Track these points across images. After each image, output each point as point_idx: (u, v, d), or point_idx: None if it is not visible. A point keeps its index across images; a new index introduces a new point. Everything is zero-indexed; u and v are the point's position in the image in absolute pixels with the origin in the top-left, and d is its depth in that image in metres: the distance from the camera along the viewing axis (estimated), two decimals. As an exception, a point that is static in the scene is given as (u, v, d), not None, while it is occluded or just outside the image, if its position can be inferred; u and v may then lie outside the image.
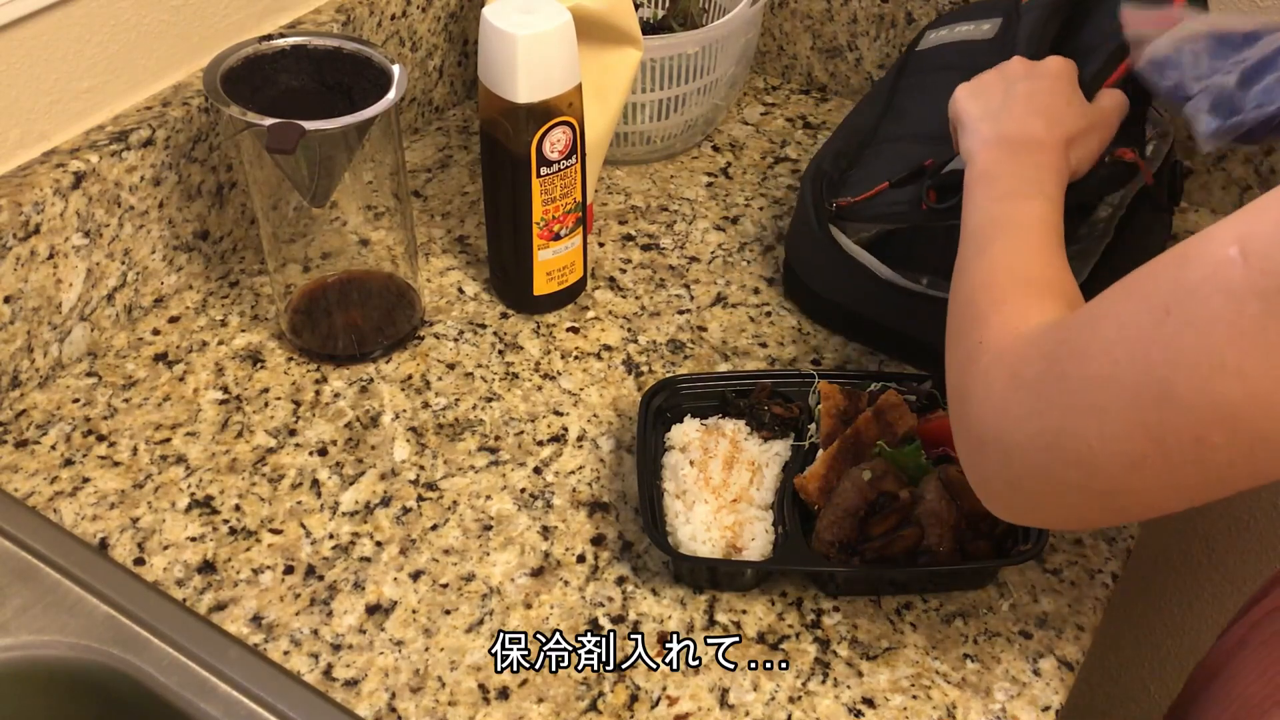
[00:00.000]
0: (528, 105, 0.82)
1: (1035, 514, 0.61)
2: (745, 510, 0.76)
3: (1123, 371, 0.50)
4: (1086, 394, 0.51)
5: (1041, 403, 0.54)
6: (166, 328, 0.91)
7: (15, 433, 0.83)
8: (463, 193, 1.06)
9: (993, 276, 0.64)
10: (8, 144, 0.82)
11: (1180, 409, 0.48)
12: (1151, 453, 0.50)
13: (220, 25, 0.93)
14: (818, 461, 0.77)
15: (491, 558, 0.76)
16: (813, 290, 0.93)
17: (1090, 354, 0.52)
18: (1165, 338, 0.48)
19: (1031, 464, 0.55)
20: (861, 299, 0.89)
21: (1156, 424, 0.49)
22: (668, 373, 0.89)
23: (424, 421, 0.85)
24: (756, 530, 0.75)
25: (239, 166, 0.93)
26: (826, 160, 0.92)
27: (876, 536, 0.73)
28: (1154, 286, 0.50)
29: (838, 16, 1.15)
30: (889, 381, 0.82)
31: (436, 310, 0.94)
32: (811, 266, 0.92)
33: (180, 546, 0.76)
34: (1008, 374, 0.56)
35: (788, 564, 0.74)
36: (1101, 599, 0.76)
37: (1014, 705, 0.69)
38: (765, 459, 0.79)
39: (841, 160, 0.92)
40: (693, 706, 0.69)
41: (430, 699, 0.69)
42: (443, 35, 1.11)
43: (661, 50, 1.00)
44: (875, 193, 0.87)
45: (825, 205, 0.89)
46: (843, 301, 0.91)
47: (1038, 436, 0.54)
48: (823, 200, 0.89)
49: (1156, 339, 0.49)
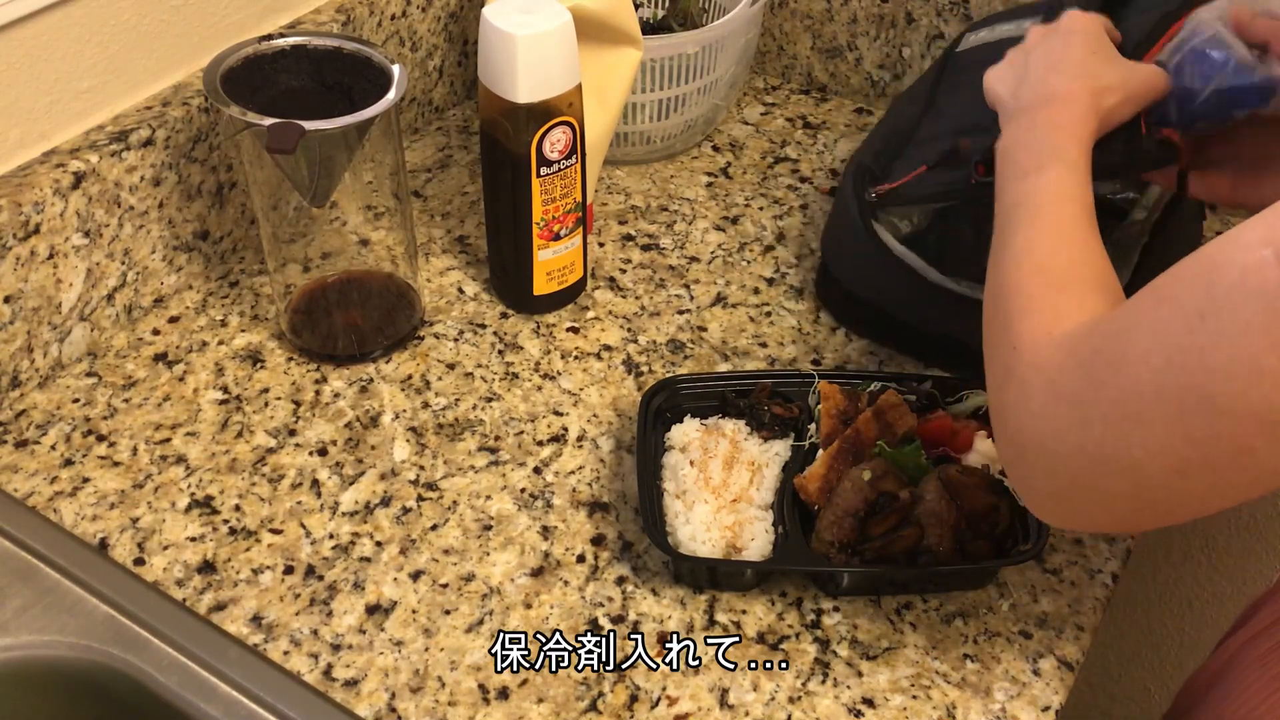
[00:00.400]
0: (528, 105, 0.82)
1: (1083, 520, 0.60)
2: (745, 510, 0.76)
3: (1161, 380, 0.49)
4: (1127, 404, 0.51)
5: (1082, 415, 0.53)
6: (166, 328, 0.91)
7: (15, 433, 0.83)
8: (463, 193, 1.06)
9: (1019, 275, 0.62)
10: (8, 144, 0.82)
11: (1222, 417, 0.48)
12: (1196, 459, 0.49)
13: (220, 25, 0.93)
14: (818, 461, 0.77)
15: (491, 558, 0.76)
16: (850, 292, 0.92)
17: (1127, 363, 0.51)
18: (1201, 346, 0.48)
19: (1076, 475, 0.54)
20: (903, 301, 0.88)
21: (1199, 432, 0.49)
22: (668, 373, 0.89)
23: (424, 421, 0.85)
24: (756, 530, 0.75)
25: (239, 166, 0.93)
26: (868, 157, 0.92)
27: (876, 536, 0.73)
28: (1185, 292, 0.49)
29: (838, 16, 1.15)
30: (889, 381, 0.82)
31: (436, 310, 0.94)
32: (851, 267, 0.91)
33: (180, 546, 0.76)
34: (1045, 384, 0.56)
35: (788, 564, 0.74)
36: (1101, 599, 0.76)
37: (1014, 705, 0.69)
38: (765, 459, 0.79)
39: (882, 158, 0.91)
40: (693, 706, 0.69)
41: (430, 699, 0.69)
42: (443, 35, 1.11)
43: (661, 50, 1.00)
44: (914, 176, 0.85)
45: (866, 197, 0.88)
46: (882, 303, 0.90)
47: (1081, 449, 0.53)
48: (864, 192, 0.88)
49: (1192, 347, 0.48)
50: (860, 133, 1.15)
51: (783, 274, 0.98)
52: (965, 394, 0.81)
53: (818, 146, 1.13)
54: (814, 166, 1.10)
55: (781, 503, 0.76)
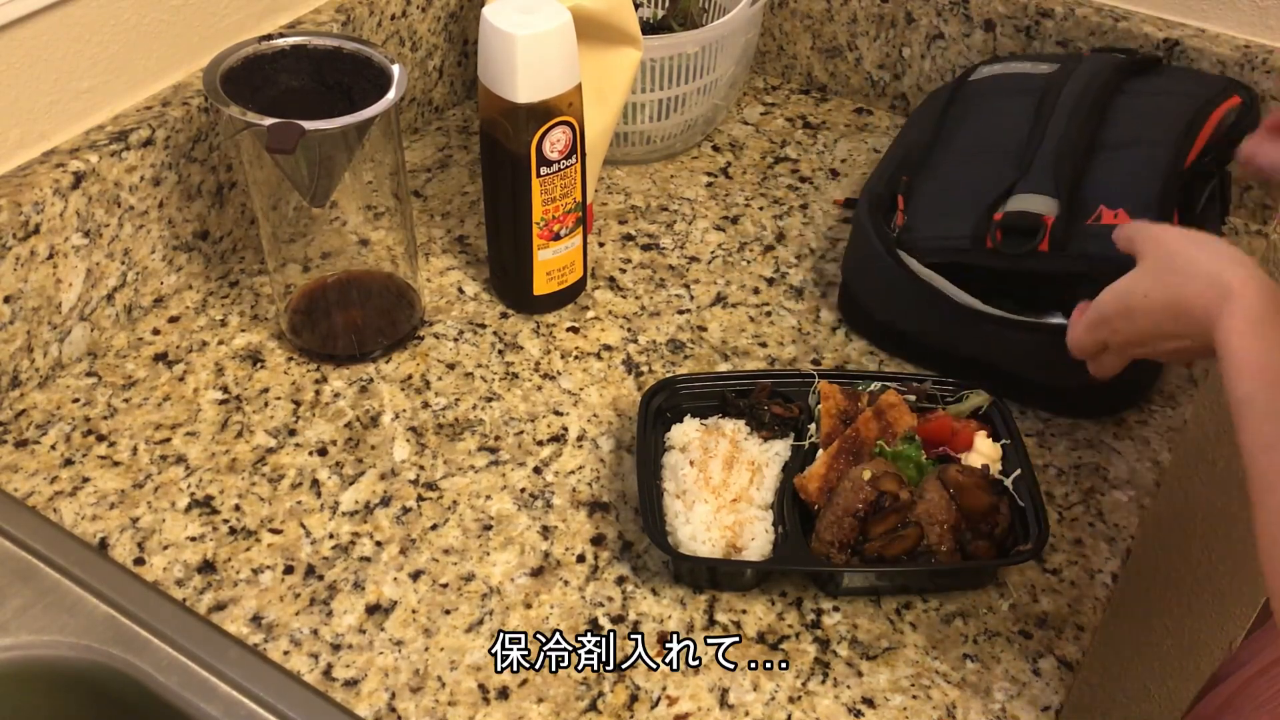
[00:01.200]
0: (527, 105, 0.82)
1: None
2: (745, 510, 0.76)
3: None
4: None
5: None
6: (166, 328, 0.91)
7: (15, 433, 0.83)
8: (463, 193, 1.06)
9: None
10: (8, 144, 0.82)
11: None
12: None
13: (220, 25, 0.93)
14: (818, 461, 0.77)
15: (491, 558, 0.76)
16: (877, 318, 0.91)
17: None
18: None
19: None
20: (935, 326, 0.86)
21: None
22: (668, 372, 0.89)
23: (424, 421, 0.85)
24: (757, 530, 0.75)
25: (239, 166, 0.93)
26: (880, 185, 0.92)
27: (876, 536, 0.73)
28: None
29: (838, 16, 1.15)
30: (889, 381, 0.82)
31: (436, 310, 0.94)
32: (876, 293, 0.90)
33: (180, 546, 0.76)
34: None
35: (788, 564, 0.74)
36: (1101, 599, 0.76)
37: (1014, 705, 0.69)
38: (765, 459, 0.79)
39: (895, 184, 0.91)
40: (692, 706, 0.69)
41: (430, 699, 0.69)
42: (443, 35, 1.11)
43: (661, 50, 1.00)
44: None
45: (887, 229, 0.88)
46: (912, 330, 0.89)
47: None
48: (881, 221, 0.88)
49: None
50: (860, 133, 1.15)
51: (783, 274, 0.98)
52: (965, 394, 0.81)
53: (818, 146, 1.13)
54: (814, 166, 1.10)
55: (781, 503, 0.76)
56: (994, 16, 1.07)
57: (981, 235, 0.83)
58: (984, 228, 0.83)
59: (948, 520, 0.73)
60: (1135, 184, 0.83)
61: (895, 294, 0.88)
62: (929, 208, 0.88)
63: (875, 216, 0.89)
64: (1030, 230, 0.81)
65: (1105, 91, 0.90)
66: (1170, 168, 0.84)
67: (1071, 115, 0.87)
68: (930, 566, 0.73)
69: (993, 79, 0.97)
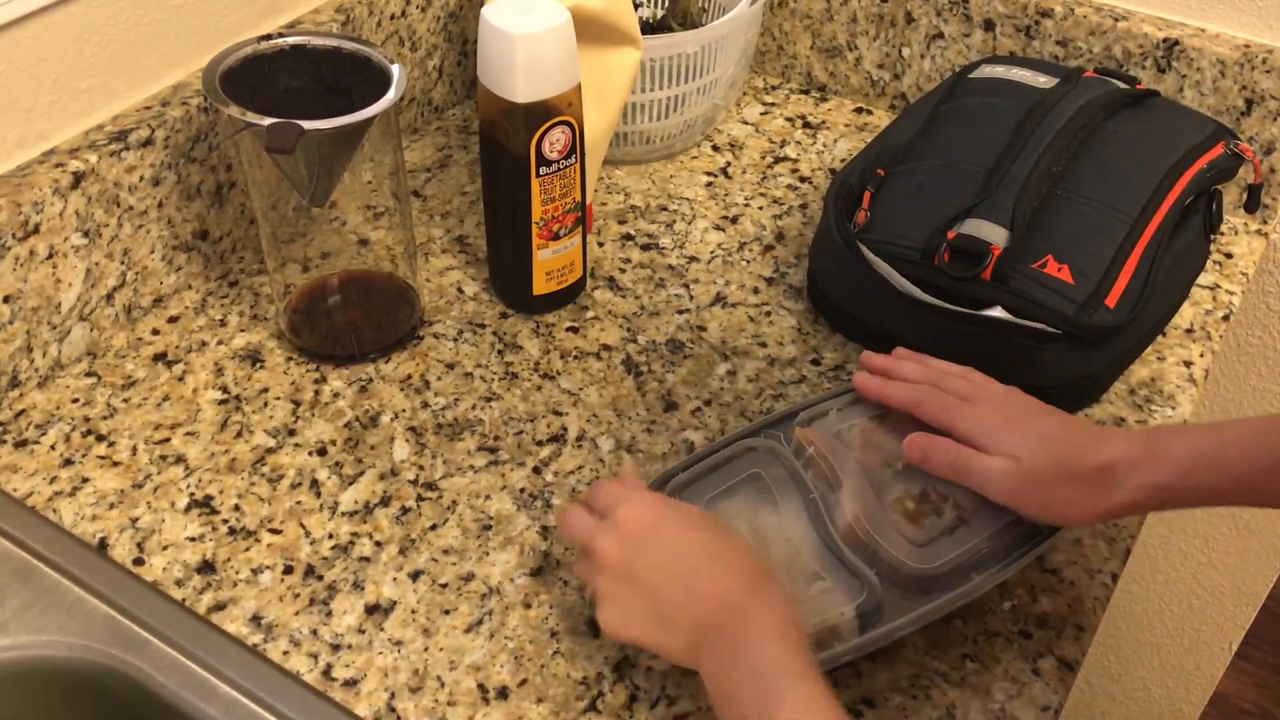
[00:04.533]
0: (527, 105, 0.82)
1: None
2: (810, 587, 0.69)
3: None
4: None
5: None
6: (166, 327, 0.91)
7: (15, 433, 0.83)
8: (462, 193, 1.06)
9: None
10: (7, 144, 0.82)
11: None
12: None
13: (220, 25, 0.93)
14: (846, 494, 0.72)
15: (491, 558, 0.76)
16: (837, 304, 0.92)
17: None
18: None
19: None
20: (887, 314, 0.87)
21: None
22: (668, 372, 0.89)
23: (423, 421, 0.85)
24: (835, 599, 0.68)
25: (238, 166, 0.93)
26: (853, 175, 0.92)
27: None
28: None
29: (837, 16, 1.15)
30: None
31: (436, 310, 0.94)
32: (834, 280, 0.91)
33: (180, 546, 0.76)
34: None
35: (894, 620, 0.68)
36: (1101, 599, 0.76)
37: (1014, 705, 0.69)
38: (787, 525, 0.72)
39: (867, 176, 0.91)
40: (692, 706, 0.69)
41: (429, 699, 0.69)
42: (442, 35, 1.11)
43: (661, 50, 1.00)
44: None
45: (845, 222, 0.89)
46: (866, 316, 0.89)
47: None
48: (842, 217, 0.89)
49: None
50: (860, 132, 1.15)
51: (782, 274, 0.98)
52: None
53: (817, 146, 1.13)
54: (813, 166, 1.10)
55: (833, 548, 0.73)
56: (994, 16, 1.07)
57: (931, 251, 0.84)
58: (936, 243, 0.84)
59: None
60: (1087, 244, 0.84)
61: (851, 280, 0.89)
62: (891, 210, 0.88)
63: (838, 205, 0.90)
64: (978, 256, 0.82)
65: (1088, 129, 0.90)
66: (1124, 243, 0.84)
67: (1049, 147, 0.88)
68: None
69: (991, 82, 0.97)
